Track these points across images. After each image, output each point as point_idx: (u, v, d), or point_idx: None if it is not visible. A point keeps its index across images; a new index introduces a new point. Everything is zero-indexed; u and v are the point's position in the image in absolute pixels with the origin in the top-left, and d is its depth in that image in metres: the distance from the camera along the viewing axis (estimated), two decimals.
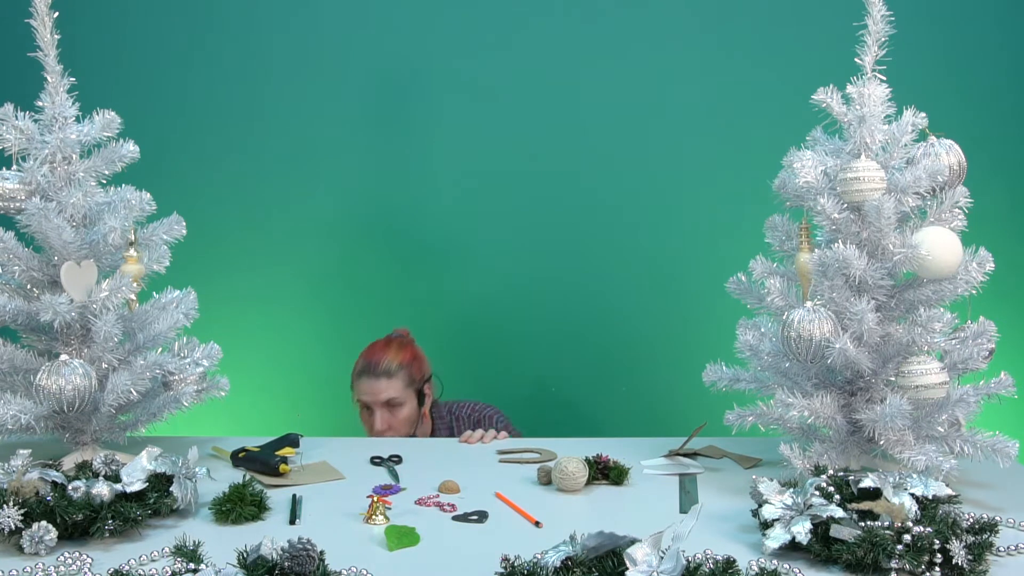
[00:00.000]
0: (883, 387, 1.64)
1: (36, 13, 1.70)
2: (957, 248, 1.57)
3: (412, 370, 2.31)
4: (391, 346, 2.33)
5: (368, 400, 2.27)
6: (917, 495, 1.37)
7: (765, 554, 1.33)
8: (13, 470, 1.46)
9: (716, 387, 1.80)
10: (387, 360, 2.28)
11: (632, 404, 2.70)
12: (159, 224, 1.82)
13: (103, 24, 2.67)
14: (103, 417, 1.73)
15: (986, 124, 2.57)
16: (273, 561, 1.17)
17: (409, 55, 2.68)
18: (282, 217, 2.72)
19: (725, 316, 1.97)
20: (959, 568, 1.25)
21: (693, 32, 2.63)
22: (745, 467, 1.79)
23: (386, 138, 2.70)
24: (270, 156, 2.70)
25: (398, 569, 1.32)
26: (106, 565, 1.30)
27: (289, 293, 2.75)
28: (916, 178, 1.59)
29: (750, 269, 1.74)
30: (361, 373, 2.28)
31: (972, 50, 2.58)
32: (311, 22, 2.67)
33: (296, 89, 2.69)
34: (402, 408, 2.28)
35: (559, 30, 2.64)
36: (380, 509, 1.49)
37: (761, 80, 2.60)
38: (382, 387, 2.25)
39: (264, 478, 1.69)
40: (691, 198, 2.67)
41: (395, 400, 2.27)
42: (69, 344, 1.72)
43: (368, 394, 2.26)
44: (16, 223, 1.70)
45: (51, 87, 1.72)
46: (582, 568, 1.17)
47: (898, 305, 1.64)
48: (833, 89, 1.64)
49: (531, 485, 1.69)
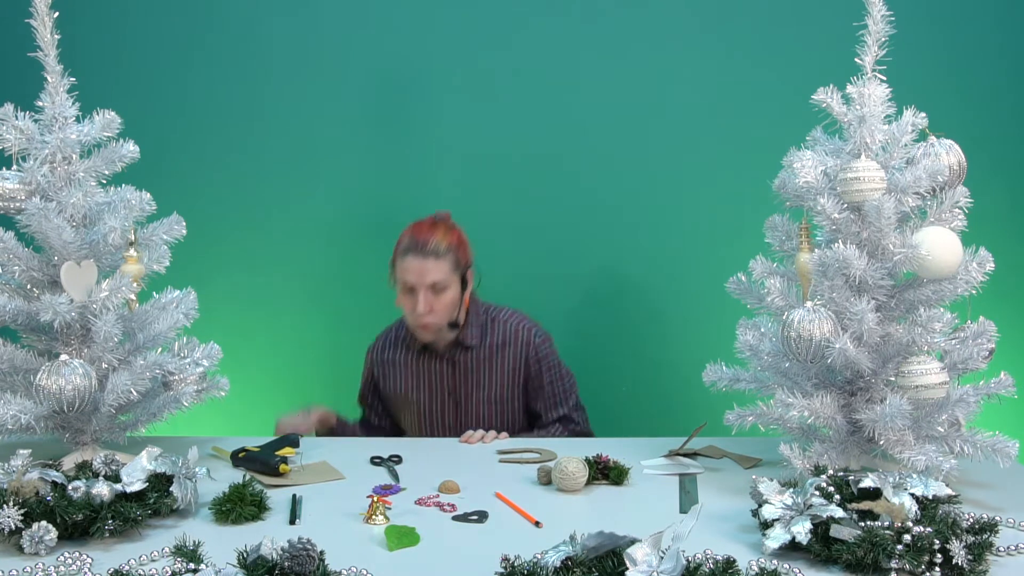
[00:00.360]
0: (883, 387, 1.64)
1: (36, 13, 1.70)
2: (957, 248, 1.57)
3: (458, 254, 2.19)
4: (438, 227, 2.20)
5: (413, 281, 2.15)
6: (917, 495, 1.37)
7: (765, 554, 1.33)
8: (13, 470, 1.46)
9: (716, 387, 1.80)
10: (436, 240, 2.16)
11: (632, 404, 2.70)
12: (159, 224, 1.82)
13: (103, 24, 2.67)
14: (103, 417, 1.73)
15: (986, 124, 2.56)
16: (273, 561, 1.17)
17: (409, 55, 2.68)
18: (282, 217, 2.72)
19: (725, 316, 1.97)
20: (959, 568, 1.25)
21: (693, 32, 2.62)
22: (745, 467, 1.79)
23: (386, 138, 2.70)
24: (270, 156, 2.70)
25: (398, 569, 1.32)
26: (106, 565, 1.30)
27: (289, 293, 2.75)
28: (916, 178, 1.59)
29: (750, 269, 1.74)
30: (407, 251, 2.16)
31: (972, 50, 2.58)
32: (311, 22, 2.67)
33: (296, 89, 2.69)
34: (446, 292, 2.16)
35: (559, 30, 2.64)
36: (380, 509, 1.50)
37: (761, 80, 2.60)
38: (429, 267, 2.14)
39: (264, 478, 1.69)
40: (691, 198, 2.67)
41: (440, 284, 2.15)
42: (69, 344, 1.72)
43: (414, 274, 2.14)
44: (16, 223, 1.70)
45: (51, 87, 1.72)
46: (582, 568, 1.17)
47: (898, 305, 1.64)
48: (833, 89, 1.64)
49: (531, 485, 1.69)
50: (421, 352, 2.29)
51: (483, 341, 2.26)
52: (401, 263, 2.17)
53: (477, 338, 2.25)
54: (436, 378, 2.28)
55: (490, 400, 2.25)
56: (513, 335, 2.26)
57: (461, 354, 2.25)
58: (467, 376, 2.26)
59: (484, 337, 2.26)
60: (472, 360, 2.25)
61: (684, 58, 2.63)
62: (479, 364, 2.25)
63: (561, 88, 2.65)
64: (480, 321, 2.27)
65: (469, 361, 2.25)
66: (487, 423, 2.25)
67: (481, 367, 2.25)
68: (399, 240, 2.20)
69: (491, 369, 2.25)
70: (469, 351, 2.25)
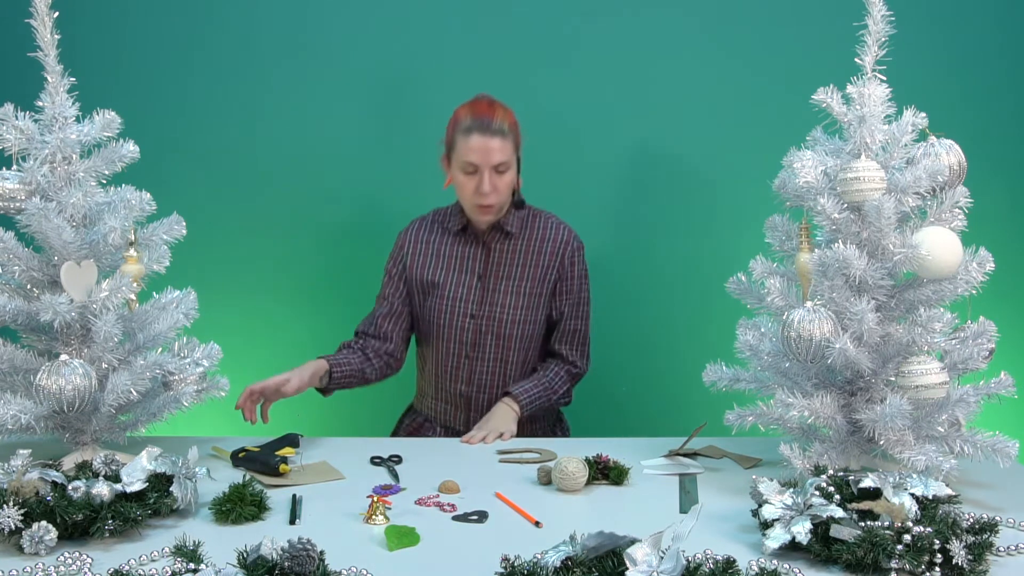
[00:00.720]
0: (883, 387, 1.64)
1: (36, 13, 1.70)
2: (957, 248, 1.57)
3: (516, 133, 2.14)
4: (496, 106, 2.13)
5: (478, 160, 2.07)
6: (917, 495, 1.37)
7: (765, 554, 1.33)
8: (13, 470, 1.46)
9: (716, 387, 1.80)
10: (499, 119, 2.10)
11: (632, 404, 2.70)
12: (159, 224, 1.82)
13: (103, 24, 2.66)
14: (103, 417, 1.73)
15: (986, 124, 2.56)
16: (273, 561, 1.17)
17: (409, 55, 2.68)
18: (282, 217, 2.72)
19: (725, 316, 1.97)
20: (959, 568, 1.25)
21: (693, 32, 2.62)
22: (745, 467, 1.79)
23: (386, 138, 2.70)
24: (270, 156, 2.70)
25: (398, 569, 1.32)
26: (106, 565, 1.30)
27: (289, 293, 2.75)
28: (916, 178, 1.59)
29: (750, 269, 1.74)
30: (471, 130, 2.08)
31: (972, 50, 2.58)
32: (311, 22, 2.67)
33: (296, 89, 2.69)
34: (508, 173, 2.11)
35: (558, 30, 2.64)
36: (380, 509, 1.50)
37: (761, 80, 2.60)
38: (496, 146, 2.08)
39: (264, 478, 1.69)
40: (691, 198, 2.67)
41: (503, 165, 2.10)
42: (69, 344, 1.72)
43: (480, 153, 2.07)
44: (16, 223, 1.70)
45: (51, 87, 1.72)
46: (582, 568, 1.17)
47: (898, 305, 1.64)
48: (833, 89, 1.64)
49: (531, 485, 1.69)
50: (458, 235, 2.24)
51: (523, 232, 2.22)
52: (464, 143, 2.09)
53: (518, 227, 2.22)
54: (469, 261, 2.23)
55: (519, 292, 2.20)
56: (554, 232, 2.23)
57: (500, 241, 2.21)
58: (500, 263, 2.21)
59: (524, 228, 2.23)
60: (509, 248, 2.21)
61: (684, 58, 2.63)
62: (515, 254, 2.21)
63: (560, 88, 2.65)
64: (522, 214, 2.23)
65: (506, 249, 2.21)
66: (511, 316, 2.20)
67: (516, 257, 2.21)
68: (455, 120, 2.14)
69: (525, 261, 2.21)
70: (508, 239, 2.21)
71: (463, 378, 2.24)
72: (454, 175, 2.16)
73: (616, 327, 2.63)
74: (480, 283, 2.22)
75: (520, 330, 2.21)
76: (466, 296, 2.22)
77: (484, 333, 2.20)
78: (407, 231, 2.32)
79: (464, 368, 2.23)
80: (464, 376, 2.23)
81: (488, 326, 2.20)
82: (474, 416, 2.22)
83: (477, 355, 2.22)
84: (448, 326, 2.22)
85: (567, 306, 2.25)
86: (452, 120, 2.16)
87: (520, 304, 2.20)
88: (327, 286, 2.74)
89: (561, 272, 2.22)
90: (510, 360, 2.22)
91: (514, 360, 2.22)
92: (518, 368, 2.23)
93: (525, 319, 2.21)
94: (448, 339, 2.23)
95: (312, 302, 2.75)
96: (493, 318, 2.20)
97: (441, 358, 2.25)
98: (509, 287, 2.21)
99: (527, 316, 2.21)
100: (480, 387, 2.23)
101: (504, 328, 2.18)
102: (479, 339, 2.21)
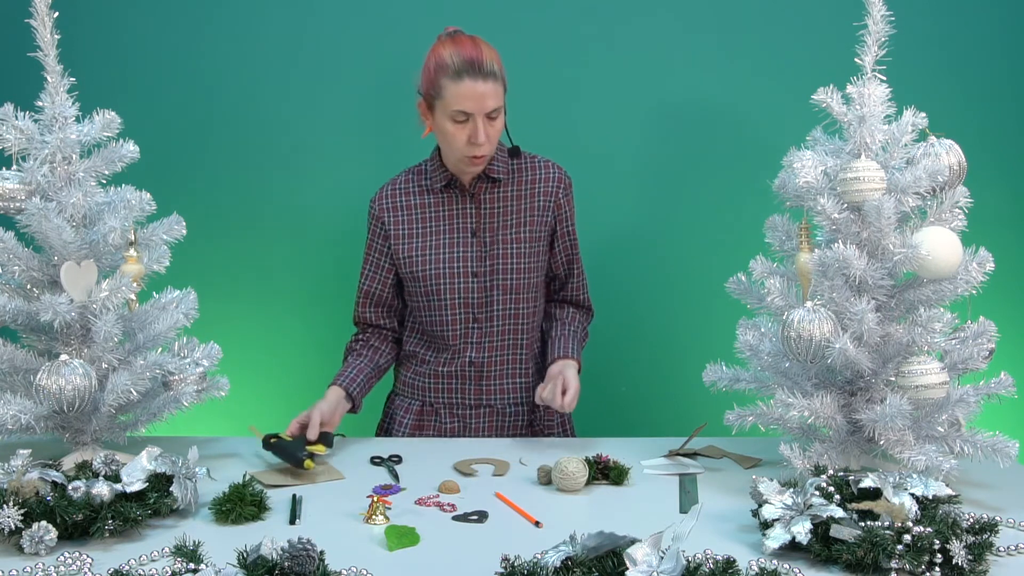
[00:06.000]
0: (883, 387, 1.64)
1: (36, 13, 1.70)
2: (957, 248, 1.57)
3: (504, 74, 1.93)
4: (479, 43, 1.91)
5: (473, 108, 1.88)
6: (917, 495, 1.38)
7: (765, 554, 1.33)
8: (13, 470, 1.46)
9: (716, 387, 1.79)
10: (489, 59, 1.89)
11: (632, 404, 2.70)
12: (159, 224, 1.82)
13: (103, 24, 2.66)
14: (103, 417, 1.73)
15: (986, 124, 2.56)
16: (273, 561, 1.17)
17: (409, 55, 2.67)
18: (282, 217, 2.72)
19: (725, 316, 1.97)
20: (959, 568, 1.25)
21: (693, 32, 2.62)
22: (745, 467, 1.79)
23: (387, 138, 2.69)
24: (270, 156, 2.70)
25: (398, 569, 1.32)
26: (106, 565, 1.30)
27: (289, 293, 2.75)
28: (916, 178, 1.59)
29: (750, 269, 1.74)
30: (461, 73, 1.87)
31: (972, 50, 2.58)
32: (311, 22, 2.67)
33: (296, 89, 2.68)
34: (498, 120, 1.93)
35: (558, 30, 2.64)
36: (380, 509, 1.50)
37: (761, 80, 2.60)
38: (489, 91, 1.88)
39: (264, 477, 1.69)
40: (691, 198, 2.67)
41: (495, 111, 1.91)
42: (69, 344, 1.72)
43: (473, 100, 1.87)
44: (16, 223, 1.70)
45: (51, 87, 1.72)
46: (582, 568, 1.17)
47: (898, 305, 1.64)
48: (833, 89, 1.64)
49: (531, 485, 1.69)
50: (442, 192, 2.07)
51: (511, 176, 2.06)
52: (455, 88, 1.88)
53: (505, 172, 2.05)
54: (459, 218, 2.06)
55: (519, 239, 2.04)
56: (544, 171, 2.07)
57: (488, 191, 2.05)
58: (493, 213, 2.05)
59: (512, 172, 2.06)
60: (499, 196, 2.05)
61: (684, 58, 2.63)
62: (506, 200, 2.05)
63: (559, 88, 2.65)
64: (504, 159, 2.06)
65: (496, 198, 2.05)
66: (515, 265, 2.05)
67: (508, 203, 2.05)
68: (438, 62, 1.91)
69: (519, 207, 2.06)
70: (496, 186, 2.05)
71: (473, 344, 2.07)
72: (439, 124, 1.95)
73: (616, 327, 2.63)
74: (476, 239, 2.05)
75: (527, 279, 2.06)
76: (463, 255, 2.05)
77: (490, 290, 2.05)
78: (379, 199, 2.12)
79: (474, 333, 2.07)
80: (474, 341, 2.07)
81: (493, 282, 2.05)
82: (486, 385, 2.09)
83: (485, 315, 2.06)
84: (450, 291, 2.05)
85: (569, 246, 2.13)
86: (433, 61, 1.93)
87: (523, 252, 2.05)
88: (327, 286, 2.74)
89: (558, 213, 2.09)
90: (520, 313, 2.07)
91: (524, 312, 2.07)
92: (528, 320, 2.09)
93: (530, 267, 2.06)
94: (452, 306, 2.05)
95: (312, 302, 2.75)
96: (497, 272, 2.04)
97: (448, 329, 2.07)
98: (507, 236, 2.05)
99: (531, 264, 2.06)
100: (492, 350, 2.08)
101: (510, 280, 2.03)
102: (486, 297, 2.05)
